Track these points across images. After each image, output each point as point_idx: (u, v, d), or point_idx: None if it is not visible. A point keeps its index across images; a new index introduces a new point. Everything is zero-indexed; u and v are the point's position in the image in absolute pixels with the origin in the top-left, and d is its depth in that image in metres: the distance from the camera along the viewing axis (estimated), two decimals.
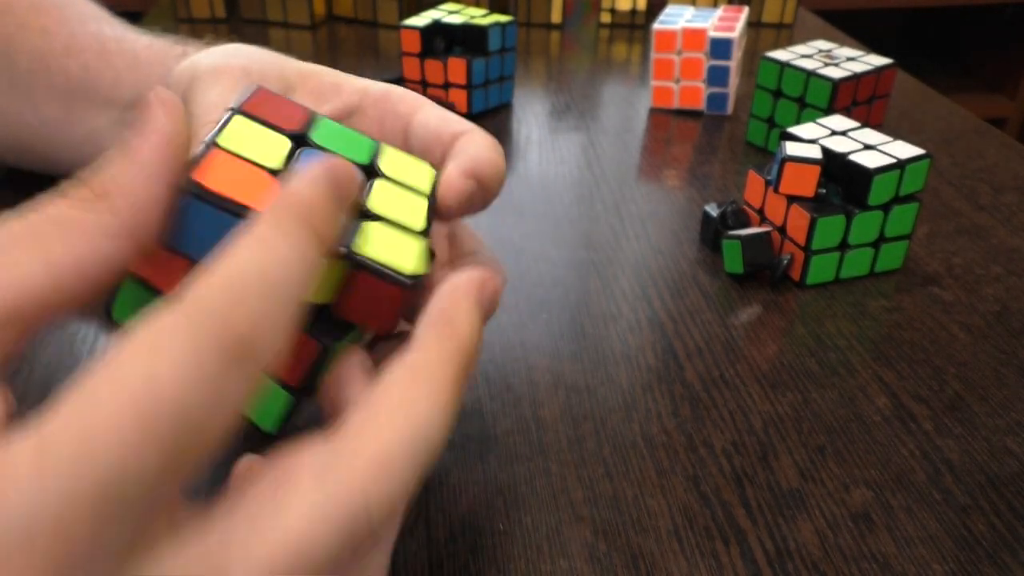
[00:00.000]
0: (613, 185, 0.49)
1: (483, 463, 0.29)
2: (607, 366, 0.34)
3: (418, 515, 0.27)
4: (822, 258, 0.39)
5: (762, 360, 0.34)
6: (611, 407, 0.32)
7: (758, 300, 0.38)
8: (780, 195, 0.39)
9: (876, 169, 0.37)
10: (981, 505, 0.28)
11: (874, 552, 0.26)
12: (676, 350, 0.35)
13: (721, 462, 0.29)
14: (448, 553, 0.26)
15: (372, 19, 0.79)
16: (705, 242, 0.43)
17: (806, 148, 0.39)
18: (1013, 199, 0.48)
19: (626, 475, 0.29)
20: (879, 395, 0.33)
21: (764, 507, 0.27)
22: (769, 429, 0.31)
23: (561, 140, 0.55)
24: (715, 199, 0.46)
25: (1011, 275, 0.41)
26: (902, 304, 0.38)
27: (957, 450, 0.30)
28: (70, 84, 0.36)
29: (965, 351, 0.35)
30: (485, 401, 0.32)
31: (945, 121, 0.60)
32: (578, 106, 0.61)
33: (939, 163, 0.53)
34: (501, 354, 0.34)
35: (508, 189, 0.48)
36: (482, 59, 0.56)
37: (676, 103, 0.60)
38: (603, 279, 0.40)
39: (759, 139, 0.54)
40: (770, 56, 0.52)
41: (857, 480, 0.29)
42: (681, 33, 0.57)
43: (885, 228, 0.39)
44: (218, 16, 0.79)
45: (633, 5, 0.79)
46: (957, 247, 0.43)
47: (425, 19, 0.57)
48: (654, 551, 0.26)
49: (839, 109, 0.50)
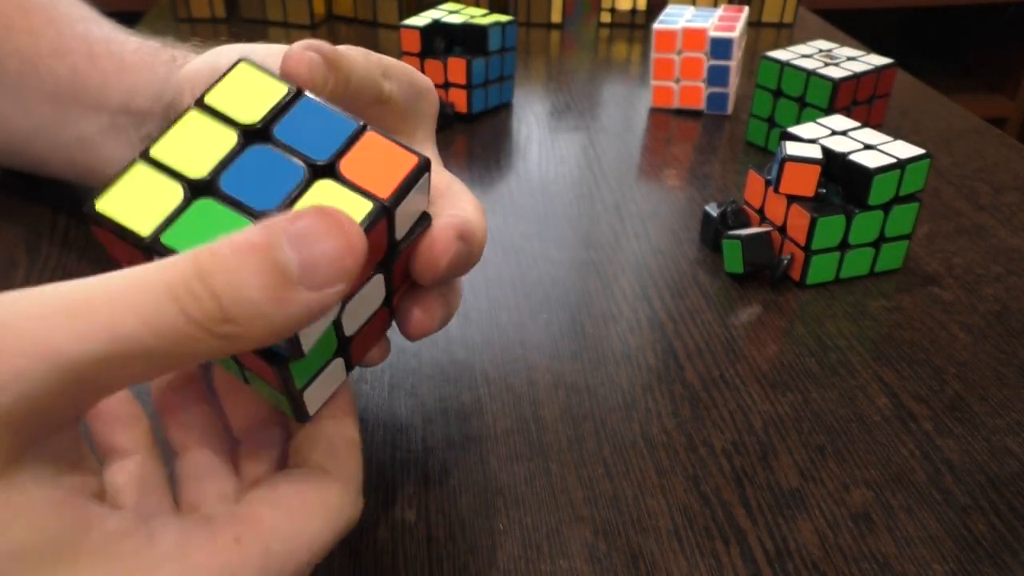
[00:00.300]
0: (613, 185, 0.49)
1: (483, 463, 0.29)
2: (607, 366, 0.34)
3: (418, 515, 0.27)
4: (822, 258, 0.39)
5: (762, 360, 0.34)
6: (611, 407, 0.32)
7: (758, 300, 0.38)
8: (780, 195, 0.39)
9: (876, 169, 0.37)
10: (981, 505, 0.28)
11: (874, 552, 0.26)
12: (676, 350, 0.35)
13: (721, 462, 0.29)
14: (448, 553, 0.26)
15: (372, 19, 0.79)
16: (705, 242, 0.43)
17: (806, 148, 0.39)
18: (1013, 199, 0.48)
19: (626, 475, 0.29)
20: (879, 395, 0.33)
21: (764, 507, 0.27)
22: (769, 429, 0.31)
23: (561, 140, 0.55)
24: (715, 199, 0.46)
25: (1011, 275, 0.41)
26: (902, 304, 0.38)
27: (957, 450, 0.30)
28: (59, 87, 0.36)
29: (965, 351, 0.35)
30: (485, 401, 0.32)
31: (945, 121, 0.60)
32: (578, 106, 0.61)
33: (939, 163, 0.53)
34: (501, 354, 0.34)
35: (508, 189, 0.48)
36: (482, 59, 0.56)
37: (676, 103, 0.60)
38: (603, 279, 0.40)
39: (759, 139, 0.54)
40: (770, 56, 0.52)
41: (857, 480, 0.29)
42: (681, 33, 0.57)
43: (885, 228, 0.39)
44: (218, 16, 0.79)
45: (633, 5, 0.79)
46: (957, 247, 0.43)
47: (425, 19, 0.57)
48: (654, 551, 0.26)
49: (839, 109, 0.50)
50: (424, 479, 0.28)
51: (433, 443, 0.30)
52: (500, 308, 0.37)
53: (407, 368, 0.33)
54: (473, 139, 0.55)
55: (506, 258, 0.41)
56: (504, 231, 0.44)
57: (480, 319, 0.37)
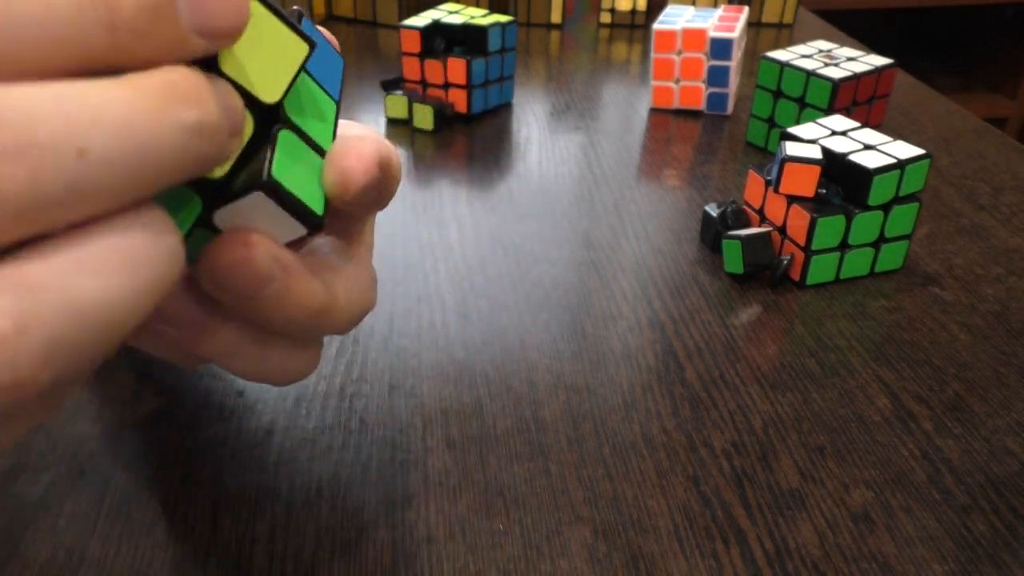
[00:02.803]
0: (613, 185, 0.49)
1: (483, 463, 0.29)
2: (607, 366, 0.34)
3: (418, 515, 0.27)
4: (822, 258, 0.39)
5: (762, 360, 0.34)
6: (611, 407, 0.32)
7: (758, 300, 0.38)
8: (780, 195, 0.39)
9: (876, 169, 0.37)
10: (981, 505, 0.28)
11: (874, 552, 0.26)
12: (676, 350, 0.35)
13: (721, 462, 0.29)
14: (448, 553, 0.26)
15: (372, 19, 0.79)
16: (705, 242, 0.43)
17: (806, 148, 0.39)
18: (1013, 199, 0.48)
19: (626, 475, 0.29)
20: (879, 395, 0.33)
21: (764, 507, 0.27)
22: (769, 429, 0.31)
23: (561, 140, 0.55)
24: (715, 199, 0.46)
25: (1011, 275, 0.41)
26: (902, 304, 0.38)
27: (957, 450, 0.30)
28: None
29: (965, 351, 0.35)
30: (485, 401, 0.32)
31: (945, 121, 0.60)
32: (578, 106, 0.61)
33: (939, 163, 0.53)
34: (501, 354, 0.34)
35: (508, 189, 0.48)
36: (482, 59, 0.56)
37: (676, 103, 0.60)
38: (603, 279, 0.40)
39: (759, 139, 0.54)
40: (770, 56, 0.52)
41: (857, 480, 0.29)
42: (681, 33, 0.57)
43: (885, 228, 0.39)
44: None
45: (633, 5, 0.79)
46: (957, 247, 0.43)
47: (425, 19, 0.57)
48: (654, 551, 0.26)
49: (839, 109, 0.50)
50: (424, 479, 0.28)
51: (433, 443, 0.30)
52: (500, 308, 0.37)
53: (407, 368, 0.33)
54: (473, 139, 0.55)
55: (506, 258, 0.41)
56: (504, 231, 0.44)
57: (480, 319, 0.37)
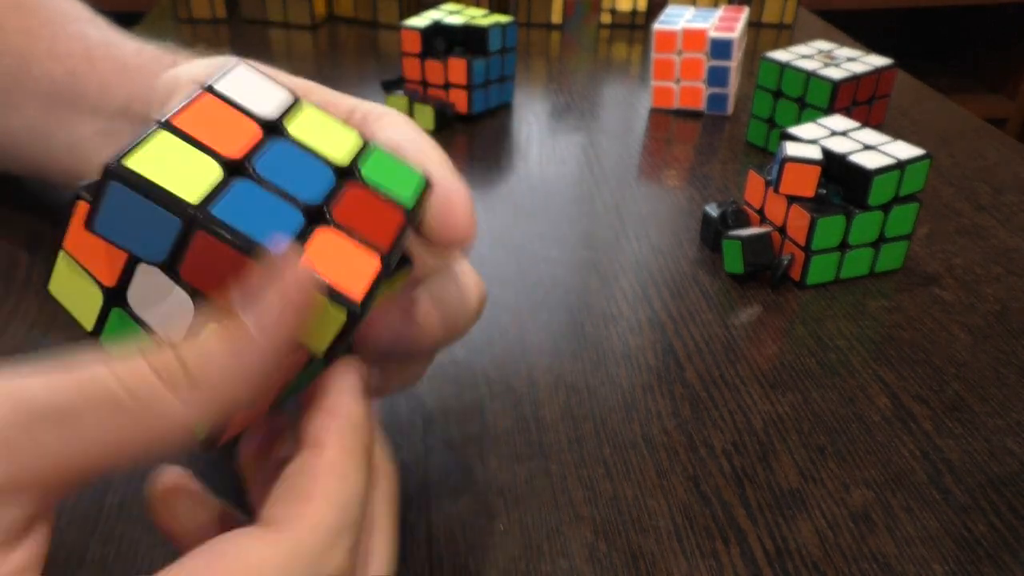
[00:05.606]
0: (613, 185, 0.49)
1: (483, 463, 0.29)
2: (607, 366, 0.34)
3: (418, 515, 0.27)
4: (822, 258, 0.39)
5: (762, 360, 0.34)
6: (611, 407, 0.32)
7: (758, 300, 0.38)
8: (780, 195, 0.39)
9: (876, 169, 0.37)
10: (981, 505, 0.28)
11: (874, 552, 0.26)
12: (676, 350, 0.35)
13: (721, 462, 0.29)
14: (448, 553, 0.26)
15: (372, 19, 0.79)
16: (705, 242, 0.43)
17: (806, 148, 0.39)
18: (1013, 199, 0.48)
19: (626, 475, 0.29)
20: (879, 395, 0.33)
21: (764, 507, 0.27)
22: (769, 429, 0.31)
23: (561, 140, 0.55)
24: (715, 199, 0.46)
25: (1011, 275, 0.41)
26: (902, 304, 0.38)
27: (957, 450, 0.30)
28: (54, 88, 0.35)
29: (965, 351, 0.35)
30: (485, 401, 0.32)
31: (945, 121, 0.60)
32: (578, 106, 0.61)
33: (939, 163, 0.53)
34: (501, 354, 0.34)
35: (508, 189, 0.48)
36: (482, 59, 0.56)
37: (676, 103, 0.60)
38: (603, 279, 0.40)
39: (759, 139, 0.54)
40: (770, 56, 0.52)
41: (857, 480, 0.29)
42: (681, 33, 0.57)
43: (885, 228, 0.39)
44: (219, 16, 0.79)
45: (633, 5, 0.79)
46: (957, 247, 0.43)
47: (425, 19, 0.57)
48: (654, 551, 0.26)
49: (839, 109, 0.50)
50: (424, 479, 0.28)
51: (433, 443, 0.30)
52: (500, 308, 0.37)
53: None
54: (473, 140, 0.55)
55: (506, 258, 0.41)
56: (504, 231, 0.44)
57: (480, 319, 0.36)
